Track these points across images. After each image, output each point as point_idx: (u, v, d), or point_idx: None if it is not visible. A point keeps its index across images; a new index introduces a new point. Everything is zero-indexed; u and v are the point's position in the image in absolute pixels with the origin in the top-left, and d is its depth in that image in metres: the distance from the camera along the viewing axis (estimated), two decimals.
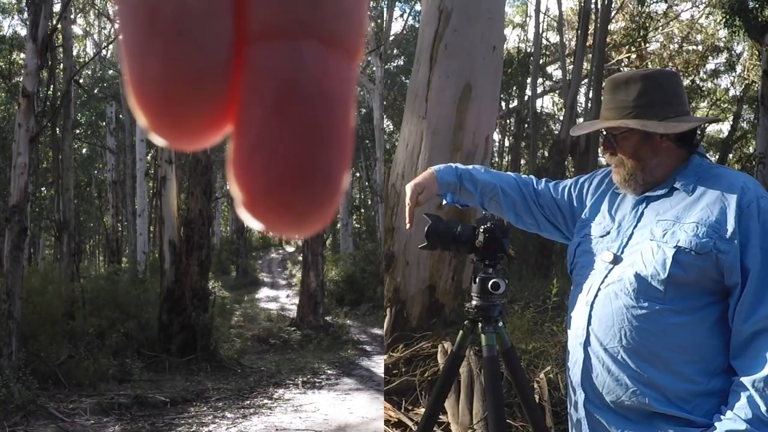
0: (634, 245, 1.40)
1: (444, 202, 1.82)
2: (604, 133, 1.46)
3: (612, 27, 15.73)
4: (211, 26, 0.20)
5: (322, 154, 0.21)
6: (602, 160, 12.16)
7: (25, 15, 11.70)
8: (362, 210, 24.07)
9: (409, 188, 1.67)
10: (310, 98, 0.21)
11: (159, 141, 0.22)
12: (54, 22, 7.43)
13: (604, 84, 1.51)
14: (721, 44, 16.27)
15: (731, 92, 18.16)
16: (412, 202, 1.65)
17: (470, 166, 1.77)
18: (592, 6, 12.49)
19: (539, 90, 17.29)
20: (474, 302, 1.87)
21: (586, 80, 15.22)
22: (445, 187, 1.72)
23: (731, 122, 16.74)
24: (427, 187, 1.68)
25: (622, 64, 16.89)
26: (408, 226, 1.67)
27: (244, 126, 0.21)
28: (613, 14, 14.46)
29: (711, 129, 19.19)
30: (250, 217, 0.22)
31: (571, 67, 13.12)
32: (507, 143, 20.00)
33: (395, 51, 20.27)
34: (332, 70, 0.21)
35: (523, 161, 18.87)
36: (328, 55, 0.21)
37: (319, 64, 0.21)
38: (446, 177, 1.71)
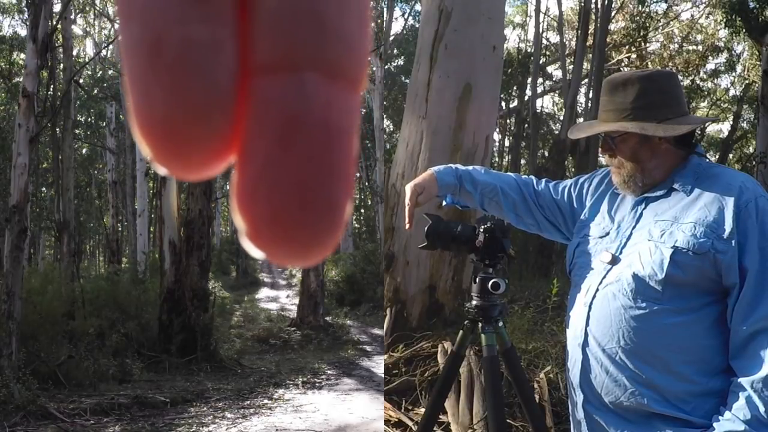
0: (633, 246, 1.40)
1: (444, 203, 1.82)
2: (603, 135, 1.46)
3: (612, 27, 15.73)
4: (215, 58, 0.20)
5: (325, 185, 0.21)
6: (602, 160, 12.14)
7: (25, 15, 11.71)
8: (362, 210, 24.07)
9: (408, 189, 1.67)
10: (313, 130, 0.21)
11: (162, 171, 0.22)
12: (54, 22, 7.43)
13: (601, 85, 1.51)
14: (721, 44, 16.27)
15: (731, 92, 18.16)
16: (412, 202, 1.65)
17: (470, 167, 1.76)
18: (592, 6, 12.49)
19: (539, 90, 17.29)
20: (474, 302, 1.87)
21: (586, 80, 15.22)
22: (444, 189, 1.72)
23: (731, 122, 16.75)
24: (427, 188, 1.68)
25: (622, 64, 16.89)
26: (407, 226, 1.67)
27: (248, 157, 0.21)
28: (613, 14, 14.45)
29: (711, 129, 19.20)
30: (254, 247, 0.22)
31: (571, 67, 13.12)
32: (507, 143, 20.00)
33: (395, 51, 20.28)
34: (335, 101, 0.21)
35: (523, 161, 18.87)
36: (331, 87, 0.21)
37: (323, 96, 0.21)
38: (446, 178, 1.71)
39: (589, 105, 13.48)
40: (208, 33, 0.20)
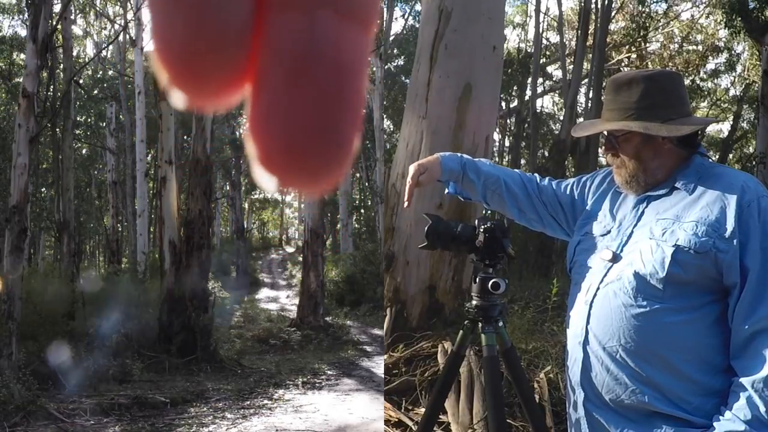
0: (634, 244, 1.40)
1: (446, 191, 1.83)
2: (606, 133, 1.46)
3: (612, 27, 15.73)
4: None
5: (335, 116, 0.23)
6: (602, 160, 12.16)
7: (25, 15, 11.71)
8: (362, 210, 24.05)
9: (412, 168, 1.69)
10: (325, 65, 0.22)
11: (179, 98, 0.23)
12: (54, 23, 7.43)
13: (605, 84, 1.51)
14: (721, 44, 16.27)
15: (731, 92, 18.17)
16: (413, 181, 1.67)
17: (476, 159, 1.78)
18: (592, 6, 12.49)
19: (539, 90, 17.29)
20: (474, 302, 1.86)
21: (586, 80, 15.21)
22: (447, 173, 1.72)
23: (731, 122, 16.75)
24: (430, 169, 1.69)
25: (622, 64, 16.89)
26: (406, 204, 1.69)
27: (262, 87, 0.23)
28: (613, 14, 14.45)
29: (711, 129, 19.18)
30: (266, 173, 0.23)
31: (571, 67, 13.12)
32: (507, 143, 20.00)
33: (395, 51, 20.26)
34: (346, 39, 0.23)
35: (523, 161, 18.87)
36: (342, 25, 0.23)
37: (334, 33, 0.23)
38: (450, 163, 1.72)
39: (589, 105, 13.48)
40: None
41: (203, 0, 0.22)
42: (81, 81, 14.30)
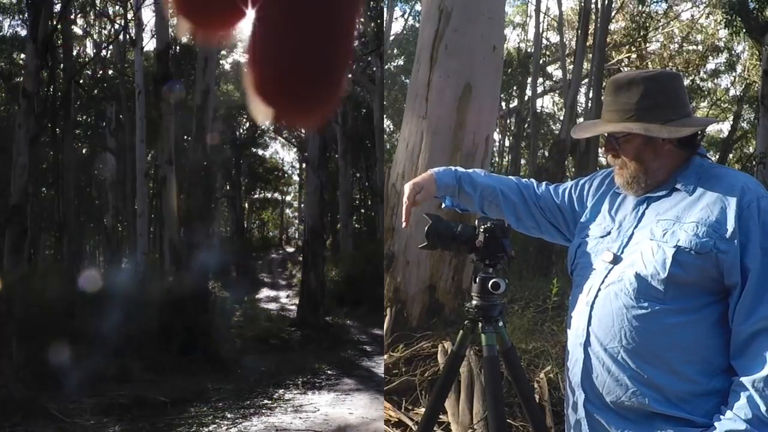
0: (635, 245, 1.40)
1: (443, 205, 1.82)
2: (607, 135, 1.46)
3: (612, 27, 15.71)
4: None
5: (328, 50, 0.25)
6: (602, 160, 12.15)
7: (25, 15, 11.71)
8: (362, 210, 24.04)
9: (407, 187, 1.68)
10: (320, 4, 0.24)
11: (184, 26, 0.25)
12: (54, 22, 7.43)
13: (605, 85, 1.51)
14: (721, 44, 16.26)
15: (731, 92, 18.15)
16: (409, 201, 1.66)
17: (470, 170, 1.77)
18: (592, 6, 12.48)
19: (539, 90, 17.27)
20: (474, 302, 1.86)
21: (586, 80, 15.20)
22: (443, 189, 1.72)
23: (731, 122, 16.76)
24: (426, 187, 1.69)
25: (622, 64, 16.88)
26: (404, 224, 1.68)
27: (262, 18, 0.25)
28: (613, 14, 14.44)
29: (711, 129, 19.16)
30: (261, 104, 0.25)
31: (571, 67, 13.12)
32: (507, 143, 19.99)
33: (395, 51, 20.26)
34: None
35: (523, 161, 18.86)
36: None
37: None
38: (445, 179, 1.71)
39: (589, 105, 13.49)
40: None
41: None
42: (81, 81, 14.30)
